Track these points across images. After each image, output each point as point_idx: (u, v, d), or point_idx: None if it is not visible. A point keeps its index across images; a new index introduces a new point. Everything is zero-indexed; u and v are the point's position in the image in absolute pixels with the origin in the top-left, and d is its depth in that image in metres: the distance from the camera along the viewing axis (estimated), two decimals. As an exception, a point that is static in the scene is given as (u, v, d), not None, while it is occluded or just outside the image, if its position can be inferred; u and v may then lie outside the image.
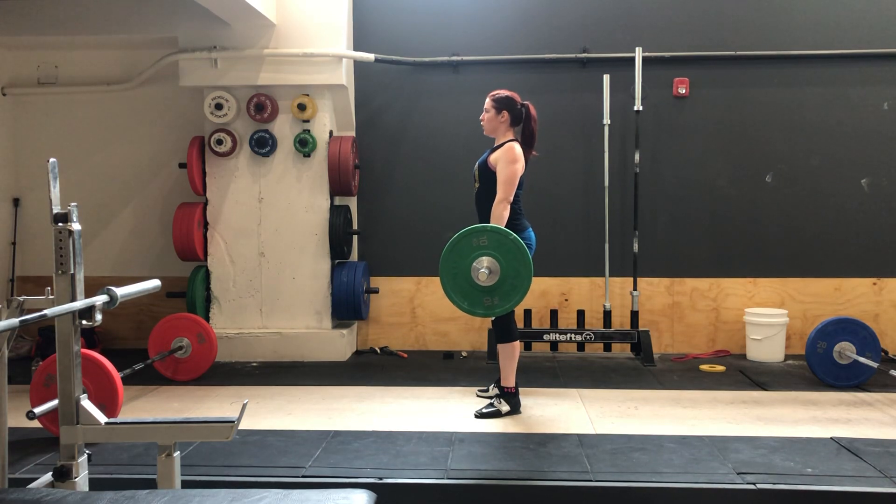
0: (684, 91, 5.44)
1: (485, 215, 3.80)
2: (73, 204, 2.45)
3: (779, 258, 5.46)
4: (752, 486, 2.89)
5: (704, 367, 4.99)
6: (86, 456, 2.48)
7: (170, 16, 5.18)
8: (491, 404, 3.88)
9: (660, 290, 5.51)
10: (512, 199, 3.70)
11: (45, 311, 2.10)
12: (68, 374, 2.45)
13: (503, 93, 3.89)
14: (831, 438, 3.46)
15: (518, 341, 3.90)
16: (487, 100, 3.90)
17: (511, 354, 3.87)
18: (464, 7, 5.53)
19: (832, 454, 3.25)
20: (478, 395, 4.26)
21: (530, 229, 3.89)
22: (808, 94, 5.41)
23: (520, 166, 3.72)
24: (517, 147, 3.76)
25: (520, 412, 3.88)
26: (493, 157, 3.78)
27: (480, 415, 3.82)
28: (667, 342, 5.54)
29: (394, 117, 5.63)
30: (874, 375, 4.44)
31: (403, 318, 5.67)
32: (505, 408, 3.84)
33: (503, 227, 3.46)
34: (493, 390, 4.09)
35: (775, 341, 5.16)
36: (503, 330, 3.86)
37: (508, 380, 3.87)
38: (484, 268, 3.34)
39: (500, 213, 3.66)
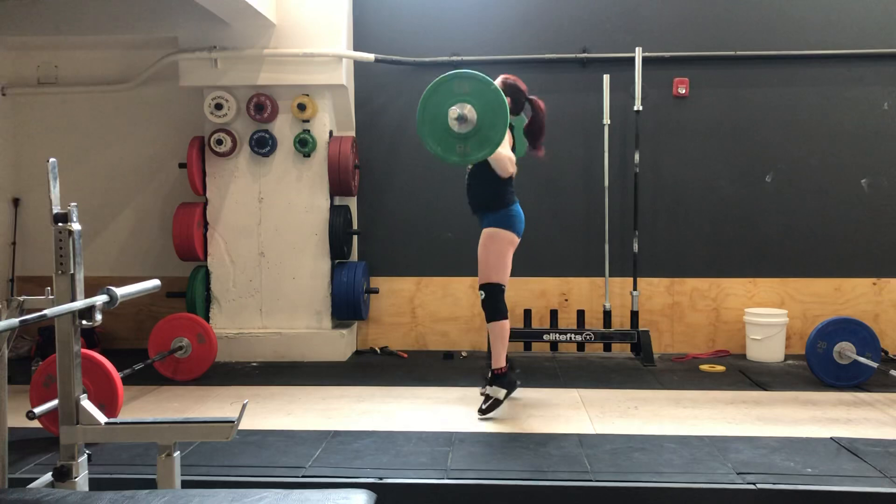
0: (684, 91, 5.43)
1: (475, 197, 3.86)
2: (73, 204, 2.45)
3: (779, 258, 5.46)
4: (752, 486, 2.89)
5: (704, 367, 4.99)
6: (86, 456, 2.48)
7: (170, 16, 5.18)
8: (487, 397, 3.85)
9: (660, 290, 5.51)
10: (510, 157, 3.71)
11: (45, 311, 2.10)
12: (68, 374, 2.45)
13: (514, 80, 3.93)
14: (831, 438, 3.46)
15: (507, 320, 3.88)
16: (499, 79, 3.91)
17: (501, 334, 3.85)
18: (464, 7, 5.53)
19: (832, 454, 3.25)
20: (482, 394, 4.23)
21: (517, 204, 3.91)
22: (807, 94, 5.41)
23: (506, 144, 3.75)
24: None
25: (516, 387, 3.89)
26: None
27: (482, 411, 3.80)
28: (667, 342, 5.53)
29: (394, 117, 5.63)
30: (874, 375, 4.44)
31: (403, 318, 5.67)
32: (501, 392, 3.82)
33: (487, 77, 3.46)
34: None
35: (775, 341, 5.15)
36: (491, 308, 3.85)
37: (499, 360, 3.86)
38: (459, 115, 3.37)
39: (500, 159, 3.67)
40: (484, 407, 3.83)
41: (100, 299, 2.36)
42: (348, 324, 5.56)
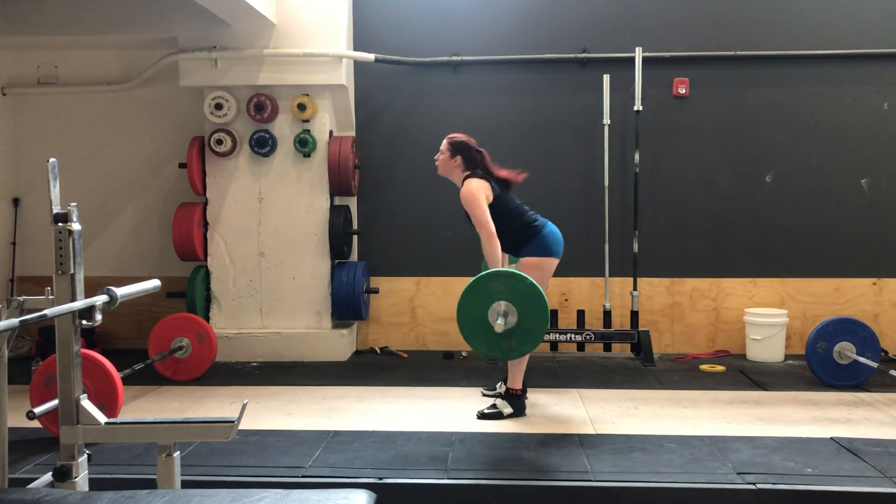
0: (684, 91, 5.43)
1: (505, 243, 3.74)
2: (73, 204, 2.45)
3: (779, 258, 5.46)
4: (752, 486, 2.89)
5: (704, 367, 4.99)
6: (86, 456, 2.48)
7: (170, 16, 5.18)
8: (494, 405, 3.86)
9: (660, 290, 5.51)
10: (493, 232, 3.61)
11: (45, 311, 2.10)
12: (68, 374, 2.44)
13: (459, 137, 3.89)
14: (831, 438, 3.46)
15: None
16: (444, 141, 3.91)
17: (520, 358, 3.82)
18: (464, 7, 5.53)
19: (832, 454, 3.25)
20: (483, 395, 4.25)
21: (549, 223, 3.83)
22: (808, 94, 5.41)
23: (481, 201, 3.66)
24: (472, 183, 3.73)
25: (524, 415, 3.85)
26: (462, 200, 3.75)
27: (482, 415, 3.81)
28: (667, 342, 5.53)
29: (394, 117, 5.63)
30: (874, 375, 4.44)
31: (403, 318, 5.67)
32: (507, 410, 3.82)
33: (518, 272, 3.34)
34: (501, 388, 4.07)
35: (775, 341, 5.15)
36: None
37: (515, 382, 3.86)
38: (500, 315, 3.24)
39: (490, 253, 3.62)
40: (486, 412, 3.84)
41: (100, 299, 2.36)
42: (348, 324, 5.56)
